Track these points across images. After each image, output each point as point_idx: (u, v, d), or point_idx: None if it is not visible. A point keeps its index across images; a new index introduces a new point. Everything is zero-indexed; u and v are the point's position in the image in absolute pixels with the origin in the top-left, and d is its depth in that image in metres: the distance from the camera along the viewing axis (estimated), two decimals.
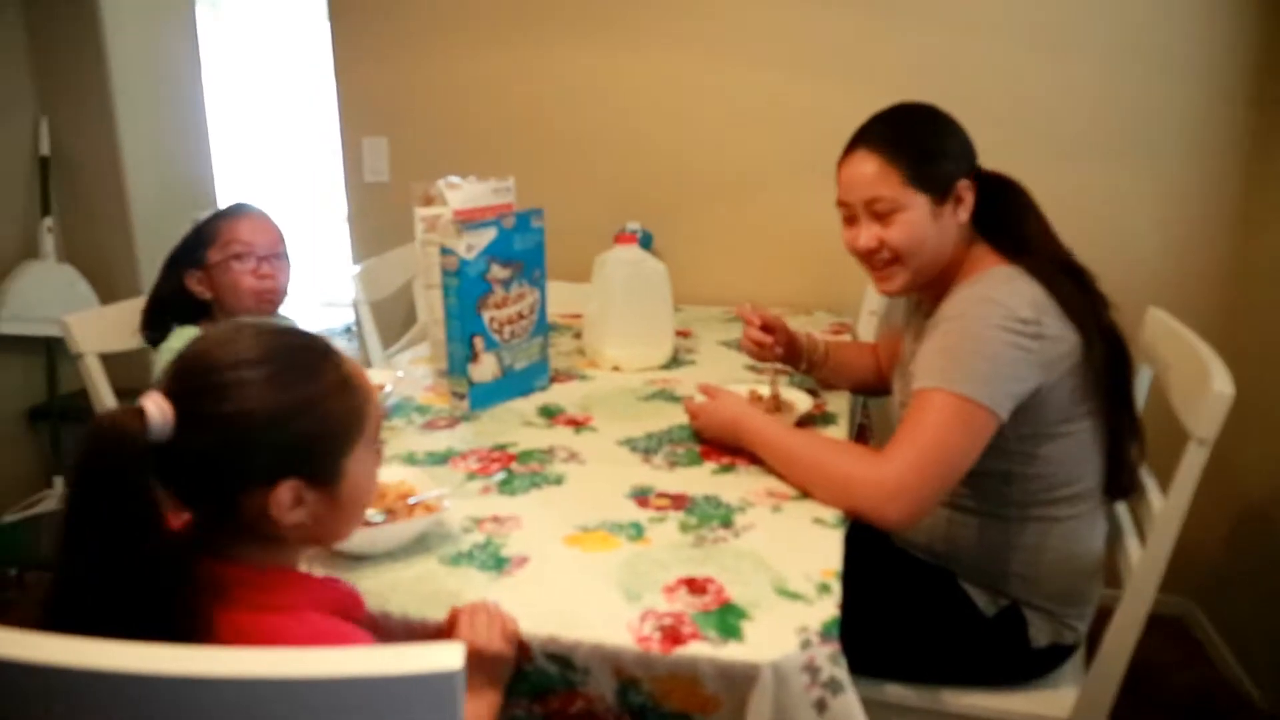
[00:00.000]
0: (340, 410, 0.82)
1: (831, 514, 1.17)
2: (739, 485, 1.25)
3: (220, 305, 1.62)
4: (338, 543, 0.94)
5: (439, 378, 1.68)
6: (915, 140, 1.28)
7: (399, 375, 1.63)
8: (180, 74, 3.09)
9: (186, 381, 0.77)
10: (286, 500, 0.79)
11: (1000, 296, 1.19)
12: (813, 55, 2.28)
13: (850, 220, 1.34)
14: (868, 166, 1.29)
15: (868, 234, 1.31)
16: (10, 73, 2.70)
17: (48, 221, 2.74)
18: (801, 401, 1.49)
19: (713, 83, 2.36)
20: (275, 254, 1.62)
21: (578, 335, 1.98)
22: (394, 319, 2.52)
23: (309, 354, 0.83)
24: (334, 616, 0.83)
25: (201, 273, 1.60)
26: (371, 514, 1.07)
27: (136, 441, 0.72)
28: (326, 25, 2.59)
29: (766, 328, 1.59)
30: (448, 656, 0.57)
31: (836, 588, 1.00)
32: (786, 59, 2.30)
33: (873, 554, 1.31)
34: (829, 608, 0.96)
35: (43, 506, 2.66)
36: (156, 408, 0.73)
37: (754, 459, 1.32)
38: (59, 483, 2.73)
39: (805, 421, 1.46)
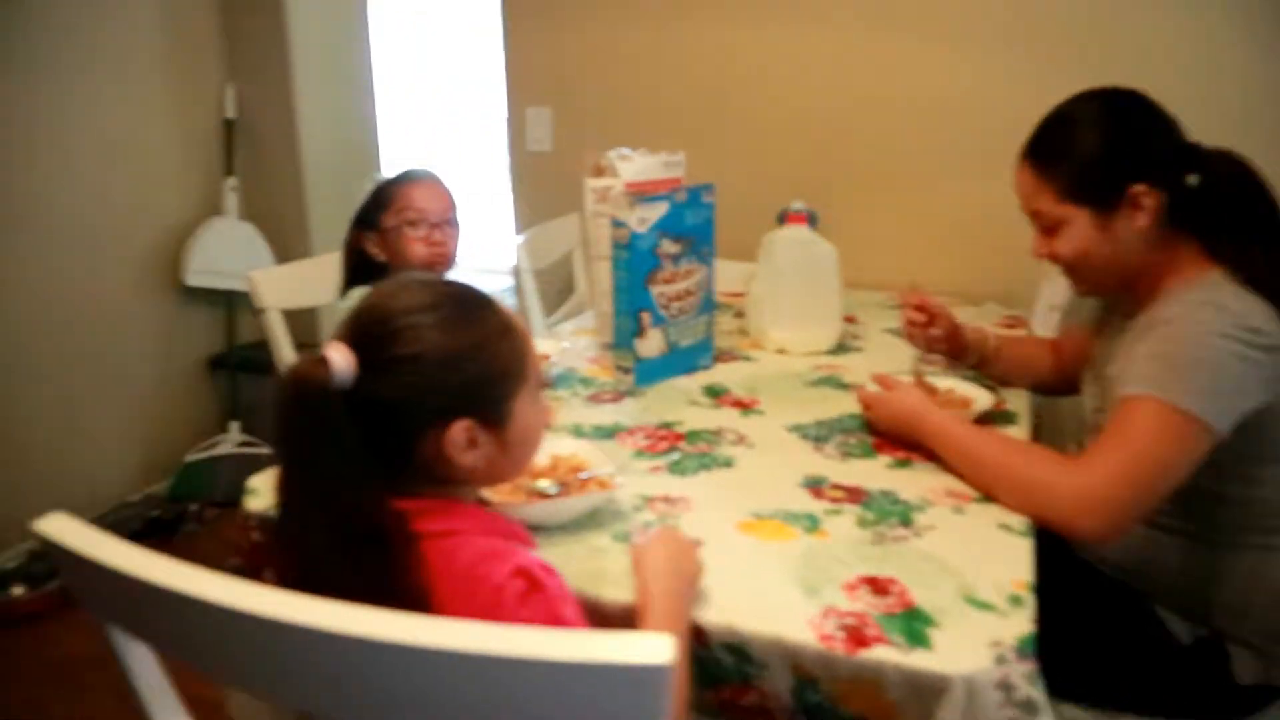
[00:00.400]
0: (505, 353, 0.86)
1: (1018, 520, 1.09)
2: (916, 482, 1.19)
3: (393, 268, 1.66)
4: (509, 481, 0.98)
5: (602, 350, 1.67)
6: (1073, 147, 1.19)
7: (564, 346, 1.64)
8: (352, 43, 3.21)
9: (365, 330, 0.82)
10: (461, 440, 0.82)
11: (1228, 301, 1.08)
12: (992, 36, 2.15)
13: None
14: (1026, 179, 1.24)
15: (1039, 244, 1.26)
16: (205, 43, 2.87)
17: (231, 181, 2.90)
18: (981, 398, 1.40)
19: (886, 62, 2.26)
20: (446, 220, 1.65)
21: (739, 314, 1.94)
22: (550, 289, 2.54)
23: (473, 301, 0.87)
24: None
25: (377, 235, 1.64)
26: (545, 485, 1.07)
27: (324, 387, 0.75)
28: None
29: (923, 309, 1.51)
30: (657, 650, 0.55)
31: (1030, 601, 0.93)
32: (965, 40, 2.17)
33: (1054, 564, 1.23)
34: (1023, 622, 0.90)
35: (220, 449, 2.84)
36: (340, 355, 0.77)
37: (930, 455, 1.25)
38: (234, 427, 2.91)
39: (984, 419, 1.38)
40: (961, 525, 1.09)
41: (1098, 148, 1.17)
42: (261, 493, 1.13)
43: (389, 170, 1.73)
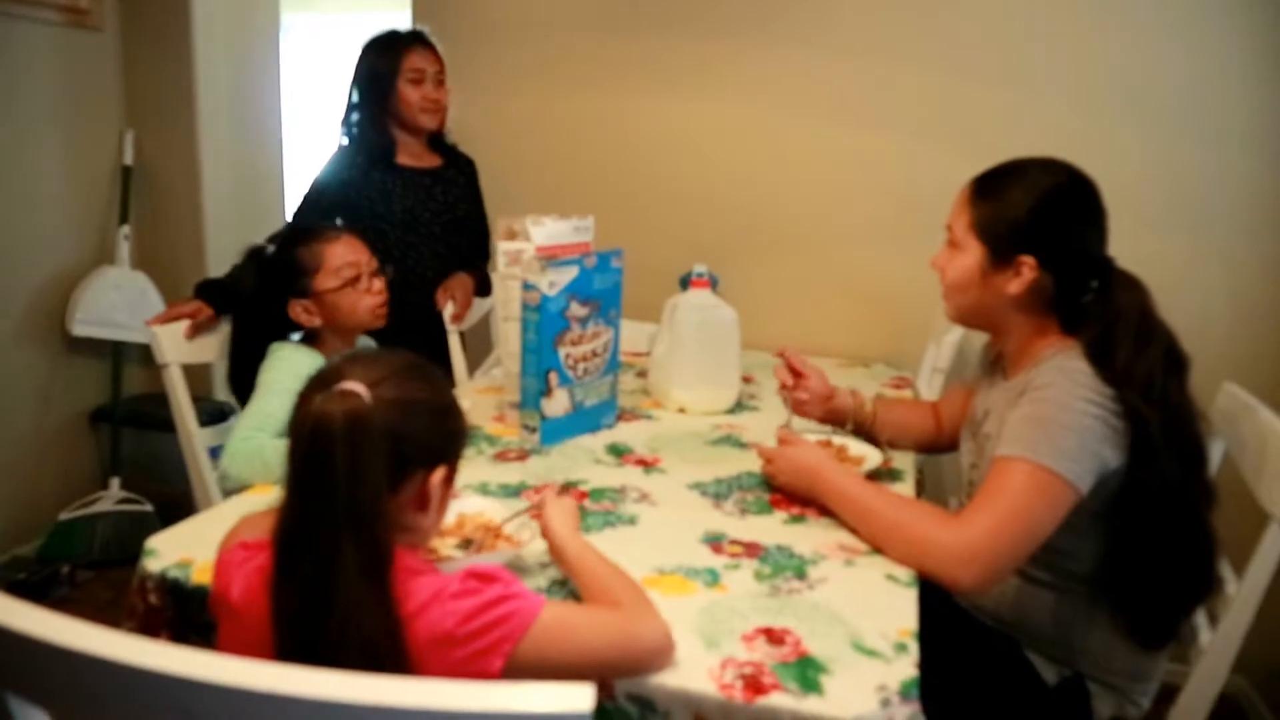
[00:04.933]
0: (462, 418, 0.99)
1: (904, 572, 1.17)
2: (810, 537, 1.26)
3: (333, 328, 1.65)
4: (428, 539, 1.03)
5: (508, 409, 1.70)
6: (1003, 196, 1.29)
7: (466, 405, 1.65)
8: (261, 97, 3.19)
9: (370, 368, 0.87)
10: (438, 487, 0.91)
11: (1092, 368, 1.19)
12: (884, 113, 2.31)
13: None
14: (961, 196, 1.35)
15: (939, 256, 1.38)
16: (102, 87, 2.81)
17: (125, 229, 2.82)
18: (872, 456, 1.49)
19: (785, 134, 2.40)
20: (374, 269, 1.68)
21: (641, 374, 2.00)
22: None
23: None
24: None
25: (309, 301, 1.63)
26: (453, 546, 1.09)
27: (361, 416, 0.80)
28: None
29: (794, 371, 1.60)
30: (578, 698, 0.58)
31: (914, 648, 1.00)
32: (858, 115, 2.33)
33: (937, 614, 1.30)
34: (907, 667, 0.96)
35: (98, 506, 2.71)
36: (362, 389, 0.82)
37: (824, 510, 1.32)
38: (115, 483, 2.78)
39: (874, 476, 1.46)
40: (852, 577, 1.15)
41: (1020, 210, 1.27)
42: (161, 553, 1.10)
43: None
